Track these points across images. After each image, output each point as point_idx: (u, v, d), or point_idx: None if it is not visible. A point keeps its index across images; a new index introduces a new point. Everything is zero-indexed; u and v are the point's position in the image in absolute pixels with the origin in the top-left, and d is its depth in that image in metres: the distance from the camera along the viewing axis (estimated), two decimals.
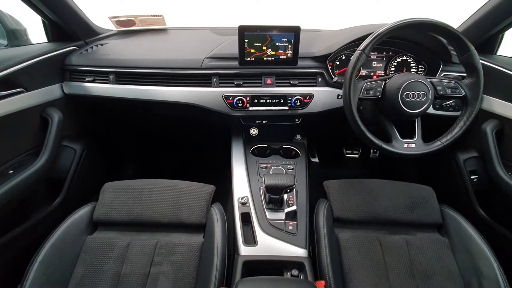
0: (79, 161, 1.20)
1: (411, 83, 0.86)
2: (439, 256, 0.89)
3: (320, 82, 1.09)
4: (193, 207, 0.95)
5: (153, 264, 0.84)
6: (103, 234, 0.93)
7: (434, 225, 0.98)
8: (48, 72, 1.08)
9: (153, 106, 1.12)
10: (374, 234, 0.94)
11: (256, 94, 1.07)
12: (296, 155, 1.18)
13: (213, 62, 1.07)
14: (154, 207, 0.95)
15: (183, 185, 1.02)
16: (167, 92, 1.07)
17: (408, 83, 0.86)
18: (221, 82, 1.07)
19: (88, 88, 1.11)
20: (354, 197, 1.00)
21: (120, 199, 0.98)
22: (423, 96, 0.87)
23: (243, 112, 1.10)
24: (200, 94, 1.06)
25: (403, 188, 1.04)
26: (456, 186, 1.17)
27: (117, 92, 1.08)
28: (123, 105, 1.17)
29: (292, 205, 0.94)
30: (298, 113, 1.11)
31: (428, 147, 0.90)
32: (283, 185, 0.85)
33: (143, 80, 1.08)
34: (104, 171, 1.43)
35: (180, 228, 0.94)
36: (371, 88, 0.90)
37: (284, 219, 0.90)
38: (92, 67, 1.11)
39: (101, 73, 1.10)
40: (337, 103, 1.09)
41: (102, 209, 0.96)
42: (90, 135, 1.30)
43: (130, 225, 0.94)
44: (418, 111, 0.87)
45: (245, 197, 0.94)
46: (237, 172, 1.06)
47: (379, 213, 0.97)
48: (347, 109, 0.88)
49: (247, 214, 0.90)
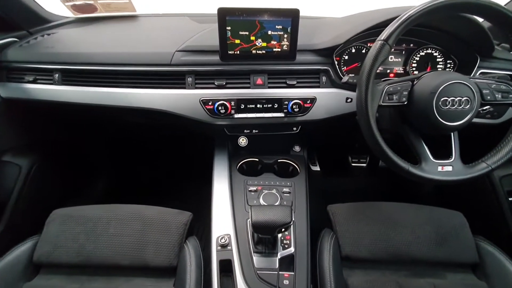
0: (26, 180, 0.98)
1: (450, 85, 0.64)
2: None
3: (325, 81, 0.87)
4: (162, 244, 0.78)
5: None
6: (45, 281, 0.75)
7: (468, 264, 0.80)
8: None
9: (111, 112, 0.89)
10: (394, 277, 0.77)
11: (243, 97, 0.85)
12: (294, 172, 0.96)
13: (187, 56, 0.84)
14: (111, 244, 0.78)
15: (152, 213, 0.83)
16: (128, 95, 0.84)
17: (447, 85, 0.64)
18: (197, 82, 0.84)
19: (28, 90, 0.88)
20: (367, 228, 0.82)
21: (68, 233, 0.80)
22: (466, 104, 0.65)
23: (226, 121, 0.88)
24: (171, 98, 0.84)
25: (427, 214, 0.86)
26: (490, 211, 0.97)
27: (63, 95, 0.85)
28: (76, 112, 0.94)
29: (288, 246, 0.72)
30: (296, 120, 0.90)
31: (470, 171, 0.68)
32: (275, 223, 0.63)
33: (97, 80, 0.85)
34: (63, 190, 1.20)
35: (144, 272, 0.76)
36: (394, 92, 0.67)
37: (277, 269, 0.68)
38: (33, 64, 0.88)
39: (43, 70, 0.87)
40: (345, 108, 0.88)
41: (45, 247, 0.78)
42: (44, 147, 1.07)
43: (80, 267, 0.76)
44: (458, 123, 0.66)
45: (226, 237, 0.72)
46: (218, 199, 0.84)
47: (400, 249, 0.79)
48: (363, 120, 0.65)
49: (228, 262, 0.68)
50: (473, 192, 1.06)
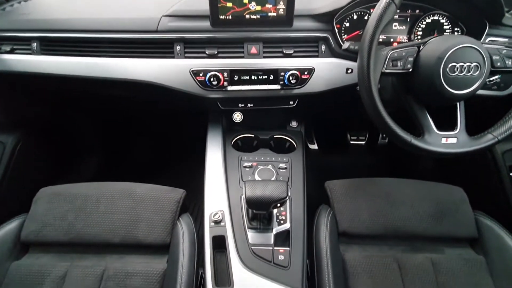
0: (11, 158, 0.94)
1: (459, 50, 0.60)
2: (475, 282, 0.71)
3: (324, 50, 0.81)
4: (155, 221, 0.75)
5: None
6: (34, 259, 0.74)
7: (467, 239, 0.79)
8: None
9: (97, 85, 0.84)
10: (391, 252, 0.76)
11: (236, 68, 0.80)
12: (291, 148, 0.93)
13: (175, 22, 0.78)
14: (102, 221, 0.76)
15: (143, 190, 0.81)
16: (112, 65, 0.78)
17: (456, 49, 0.59)
18: (187, 51, 0.79)
19: (5, 61, 0.82)
20: (365, 204, 0.80)
21: (56, 211, 0.77)
22: (476, 70, 0.61)
23: (219, 94, 0.83)
24: (158, 68, 0.78)
25: (427, 190, 0.84)
26: (491, 186, 0.95)
27: (42, 66, 0.79)
28: (58, 85, 0.88)
29: (284, 222, 0.70)
30: (293, 93, 0.85)
31: (476, 143, 0.65)
32: (270, 199, 0.60)
33: (78, 49, 0.79)
34: (52, 167, 1.16)
35: (136, 249, 0.74)
36: (399, 58, 0.62)
37: (272, 245, 0.65)
38: (9, 32, 0.82)
39: (20, 39, 0.81)
40: (346, 80, 0.83)
41: (32, 225, 0.76)
42: (28, 123, 1.02)
43: (70, 246, 0.74)
44: (466, 91, 0.62)
45: (220, 213, 0.69)
46: (211, 175, 0.81)
47: (398, 225, 0.78)
48: (365, 88, 0.61)
49: (221, 238, 0.66)
50: (474, 167, 1.04)
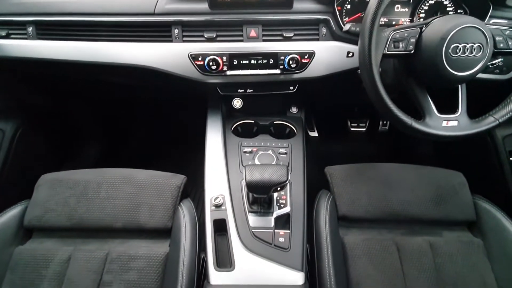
0: (11, 145, 0.94)
1: (462, 30, 0.59)
2: (471, 263, 0.72)
3: (324, 33, 0.80)
4: (156, 206, 0.76)
5: (102, 285, 0.67)
6: (38, 244, 0.75)
7: (465, 222, 0.80)
8: None
9: (94, 70, 0.83)
10: (390, 235, 0.77)
11: (235, 52, 0.79)
12: (291, 133, 0.93)
13: (173, 4, 0.76)
14: (104, 207, 0.76)
15: (144, 176, 0.81)
16: (109, 50, 0.78)
17: (459, 30, 0.58)
18: (185, 34, 0.77)
19: (1, 47, 0.80)
20: (364, 188, 0.81)
21: (58, 197, 0.78)
22: (478, 51, 0.60)
23: (218, 79, 0.82)
24: (156, 52, 0.77)
25: (427, 175, 0.84)
26: (491, 171, 0.95)
27: (38, 51, 0.79)
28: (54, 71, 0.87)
29: (284, 206, 0.70)
30: (293, 78, 0.84)
31: (477, 126, 0.65)
32: (271, 182, 0.60)
33: (75, 34, 0.78)
34: (53, 155, 1.17)
35: (139, 234, 0.75)
36: (401, 39, 0.62)
37: (273, 228, 0.66)
38: (4, 16, 0.80)
39: (16, 24, 0.80)
40: (347, 64, 0.82)
41: (35, 211, 0.76)
42: (27, 111, 1.02)
43: (73, 231, 0.75)
44: (468, 73, 0.61)
45: (220, 197, 0.70)
46: (211, 160, 0.81)
47: (397, 209, 0.79)
48: (365, 70, 0.60)
49: (222, 221, 0.67)
50: (474, 152, 1.04)
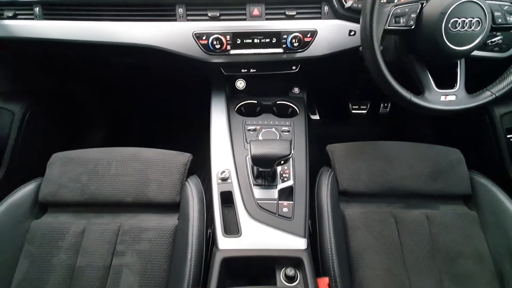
0: (21, 126, 0.97)
1: (461, 4, 0.60)
2: (466, 234, 0.76)
3: (327, 12, 0.81)
4: (164, 182, 0.79)
5: (115, 255, 0.71)
6: (53, 218, 0.78)
7: (461, 196, 0.83)
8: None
9: (100, 51, 0.84)
10: (389, 209, 0.80)
11: (239, 31, 0.80)
12: (294, 113, 0.95)
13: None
14: (114, 183, 0.79)
15: (151, 154, 0.83)
16: (115, 30, 0.78)
17: (458, 4, 0.60)
18: (189, 13, 0.78)
19: (8, 27, 0.81)
20: (364, 164, 0.83)
21: (71, 174, 0.81)
22: (477, 25, 0.61)
23: (222, 58, 0.83)
24: (161, 31, 0.78)
25: (425, 151, 0.87)
26: (487, 147, 0.98)
27: (46, 31, 0.79)
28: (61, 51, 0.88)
29: (287, 179, 0.73)
30: (296, 57, 0.85)
31: (474, 100, 0.66)
32: (274, 156, 0.63)
33: (81, 13, 0.79)
34: (61, 138, 1.19)
35: (148, 208, 0.78)
36: (402, 15, 0.63)
37: (277, 199, 0.70)
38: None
39: (22, 4, 0.80)
40: (349, 43, 0.83)
41: (49, 187, 0.79)
42: (35, 94, 1.04)
43: (85, 206, 0.78)
44: (467, 47, 0.63)
45: (226, 171, 0.73)
46: (216, 137, 0.83)
47: (395, 184, 0.81)
48: (367, 45, 0.62)
49: (228, 193, 0.70)
50: (472, 131, 1.06)
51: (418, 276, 0.69)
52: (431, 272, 0.70)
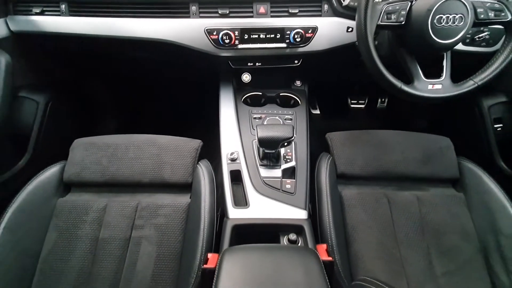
0: (44, 115, 1.05)
1: (446, 2, 0.67)
2: (453, 213, 0.81)
3: (327, 10, 0.88)
4: (177, 165, 0.85)
5: (135, 228, 0.77)
6: (76, 196, 0.84)
7: (450, 179, 0.89)
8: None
9: (118, 45, 0.92)
10: (382, 190, 0.86)
11: (246, 27, 0.87)
12: (296, 103, 1.02)
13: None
14: (132, 165, 0.85)
15: (165, 141, 0.90)
16: (134, 25, 0.86)
17: (443, 2, 0.67)
18: (202, 11, 0.86)
19: (36, 22, 0.89)
20: (360, 150, 0.89)
21: (92, 157, 0.87)
22: (460, 21, 0.68)
23: (231, 52, 0.91)
24: (176, 27, 0.86)
25: (417, 139, 0.93)
26: (475, 137, 1.04)
27: (71, 26, 0.87)
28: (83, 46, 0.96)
29: (290, 160, 0.81)
30: (298, 51, 0.92)
31: (457, 88, 0.73)
32: (279, 138, 0.71)
33: (103, 10, 0.86)
34: (78, 125, 1.27)
35: (163, 188, 0.85)
36: (393, 11, 0.70)
37: (281, 177, 0.77)
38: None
39: (50, 1, 0.88)
40: (346, 38, 0.90)
41: (72, 169, 0.86)
42: (55, 86, 1.12)
43: (106, 186, 0.85)
44: (451, 41, 0.69)
45: (235, 153, 0.81)
46: (225, 123, 0.91)
47: (389, 168, 0.87)
48: (362, 39, 0.69)
49: (237, 172, 0.78)
50: (463, 121, 1.13)
51: (408, 249, 0.75)
52: (420, 246, 0.76)
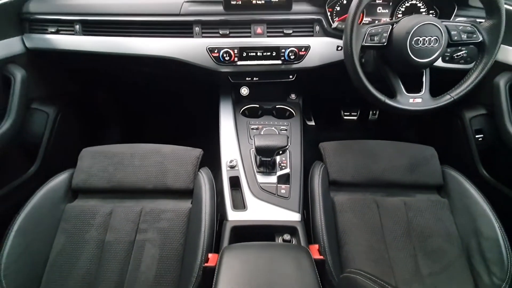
0: (54, 125, 1.11)
1: (422, 26, 0.75)
2: (438, 217, 0.86)
3: (318, 30, 0.96)
4: (180, 172, 0.89)
5: (139, 231, 0.80)
6: (84, 202, 0.88)
7: (434, 186, 0.94)
8: (2, 22, 0.93)
9: (126, 61, 1.00)
10: (372, 196, 0.90)
11: (245, 46, 0.95)
12: (291, 115, 1.09)
13: (194, 6, 0.93)
14: (137, 173, 0.89)
15: (168, 150, 0.95)
16: (142, 44, 0.94)
17: (419, 26, 0.75)
18: (204, 31, 0.94)
19: (52, 40, 0.97)
20: (351, 159, 0.94)
21: (99, 165, 0.92)
22: (435, 42, 0.76)
23: (230, 68, 0.98)
24: (180, 46, 0.94)
25: (403, 148, 0.99)
26: (459, 146, 1.11)
27: (84, 45, 0.95)
28: (94, 62, 1.04)
29: (285, 168, 0.87)
30: (292, 68, 1.00)
31: (436, 102, 0.81)
32: (274, 146, 0.77)
33: (114, 30, 0.94)
34: (84, 136, 1.34)
35: (166, 194, 0.89)
36: (376, 34, 0.78)
37: (276, 183, 0.83)
38: (55, 15, 0.96)
39: (65, 22, 0.96)
40: (336, 56, 0.98)
41: (80, 176, 0.90)
42: (64, 98, 1.19)
43: (112, 192, 0.89)
44: (428, 60, 0.77)
45: (234, 160, 0.87)
46: (225, 133, 0.97)
47: (377, 175, 0.92)
48: (348, 58, 0.77)
49: (236, 178, 0.84)
50: (446, 132, 1.20)
51: (396, 251, 0.79)
52: (407, 248, 0.80)
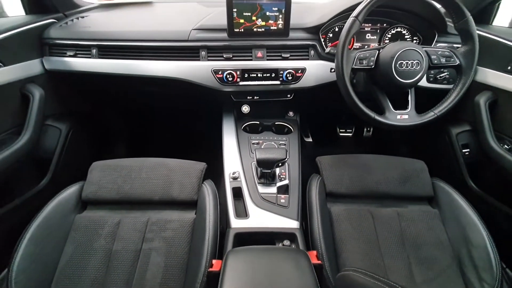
0: (65, 141, 1.17)
1: (405, 51, 0.84)
2: (429, 226, 0.90)
3: (313, 54, 1.06)
4: (185, 184, 0.94)
5: (145, 241, 0.83)
6: (93, 213, 0.92)
7: (426, 197, 0.99)
8: (26, 46, 1.02)
9: (138, 82, 1.08)
10: (366, 207, 0.95)
11: (246, 68, 1.04)
12: (289, 131, 1.17)
13: (201, 34, 1.02)
14: (144, 185, 0.93)
15: (174, 163, 1.00)
16: (153, 66, 1.02)
17: (402, 51, 0.84)
18: (209, 55, 1.03)
19: (70, 63, 1.05)
20: (347, 172, 1.00)
21: (108, 178, 0.96)
22: (417, 65, 0.85)
23: (233, 88, 1.07)
24: (188, 68, 1.02)
25: (395, 162, 1.04)
26: (448, 160, 1.17)
27: (100, 67, 1.03)
28: (107, 83, 1.12)
29: (284, 179, 0.93)
30: (290, 88, 1.08)
31: (421, 118, 0.88)
32: (274, 159, 0.84)
33: (127, 54, 1.03)
34: (93, 151, 1.40)
35: (171, 205, 0.92)
36: (364, 58, 0.87)
37: (276, 193, 0.89)
38: (73, 41, 1.05)
39: (82, 46, 1.05)
40: (330, 77, 1.07)
41: (90, 188, 0.94)
42: (76, 115, 1.26)
43: (120, 203, 0.93)
44: (411, 81, 0.85)
45: (237, 172, 0.93)
46: (228, 147, 1.04)
47: (372, 187, 0.97)
48: (340, 79, 0.85)
49: (238, 189, 0.89)
50: (436, 147, 1.27)
51: (391, 260, 0.83)
52: (401, 256, 0.84)
